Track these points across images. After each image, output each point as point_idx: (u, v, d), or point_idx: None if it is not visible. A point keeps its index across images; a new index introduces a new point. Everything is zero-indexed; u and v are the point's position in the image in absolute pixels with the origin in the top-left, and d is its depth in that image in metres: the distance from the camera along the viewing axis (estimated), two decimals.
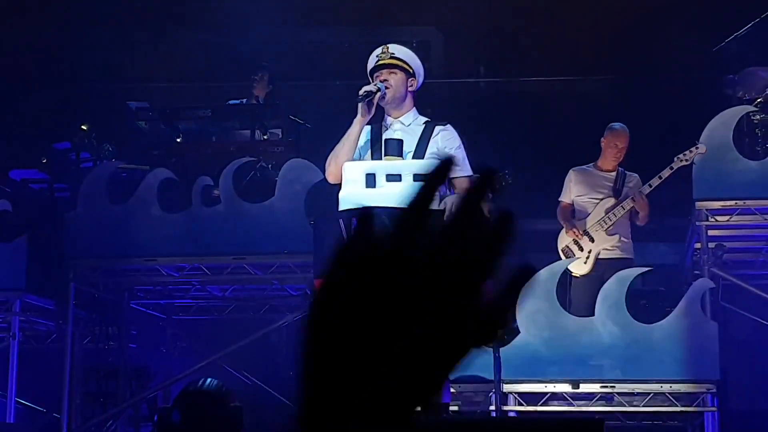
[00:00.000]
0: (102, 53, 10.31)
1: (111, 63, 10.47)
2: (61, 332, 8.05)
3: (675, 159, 7.36)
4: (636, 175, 7.83)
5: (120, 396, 8.34)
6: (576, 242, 7.80)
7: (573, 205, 7.94)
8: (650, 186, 7.55)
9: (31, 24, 10.26)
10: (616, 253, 7.72)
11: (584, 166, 7.98)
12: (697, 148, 7.28)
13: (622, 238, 7.75)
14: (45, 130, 9.21)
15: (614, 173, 7.88)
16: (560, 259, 7.75)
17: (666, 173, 7.44)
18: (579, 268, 7.72)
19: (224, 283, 8.34)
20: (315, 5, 10.18)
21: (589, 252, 7.74)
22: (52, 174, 8.61)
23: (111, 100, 9.60)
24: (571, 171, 7.98)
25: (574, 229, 7.76)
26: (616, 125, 7.87)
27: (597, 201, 7.82)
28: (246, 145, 8.19)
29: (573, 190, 7.92)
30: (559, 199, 7.98)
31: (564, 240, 7.87)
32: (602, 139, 7.90)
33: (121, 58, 10.47)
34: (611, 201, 7.76)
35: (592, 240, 7.74)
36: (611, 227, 7.70)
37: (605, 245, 7.73)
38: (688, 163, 7.29)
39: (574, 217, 7.90)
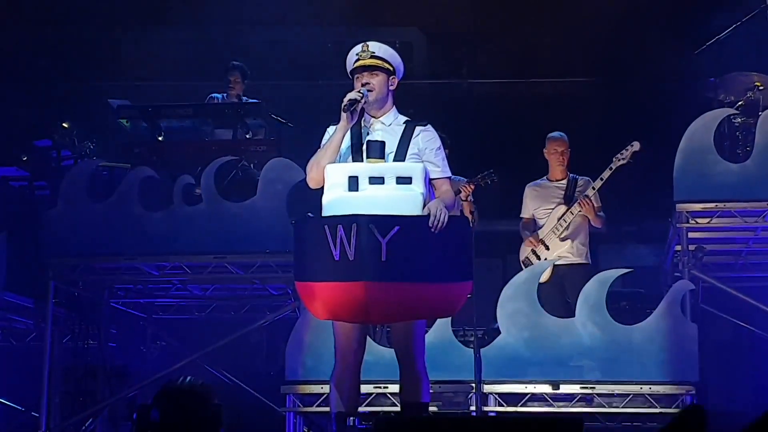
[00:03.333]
0: (84, 51, 10.27)
1: (92, 60, 10.44)
2: (41, 331, 8.01)
3: (613, 159, 7.61)
4: (586, 178, 7.98)
5: (99, 395, 8.31)
6: (534, 252, 7.93)
7: (533, 219, 8.06)
8: (594, 189, 7.70)
9: (12, 21, 10.21)
10: (570, 259, 7.83)
11: (538, 180, 8.16)
12: (632, 145, 7.55)
13: (576, 244, 7.84)
14: (25, 127, 9.16)
15: (564, 181, 8.00)
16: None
17: (606, 174, 7.66)
18: None
19: (205, 282, 8.32)
20: (297, 5, 10.17)
21: (545, 260, 7.82)
22: (33, 172, 8.56)
23: (92, 98, 9.57)
24: (526, 187, 8.17)
25: (531, 239, 7.87)
26: (553, 133, 8.07)
27: (551, 211, 7.93)
28: (228, 144, 8.16)
29: (530, 205, 8.08)
30: (520, 216, 8.11)
31: (524, 251, 8.02)
32: (544, 150, 8.03)
33: (103, 56, 10.44)
34: (563, 208, 7.90)
35: (547, 248, 7.86)
36: (564, 233, 7.82)
37: (559, 251, 7.84)
38: (626, 161, 7.52)
39: (535, 230, 8.01)
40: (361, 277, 4.73)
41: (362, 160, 5.14)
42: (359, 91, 5.16)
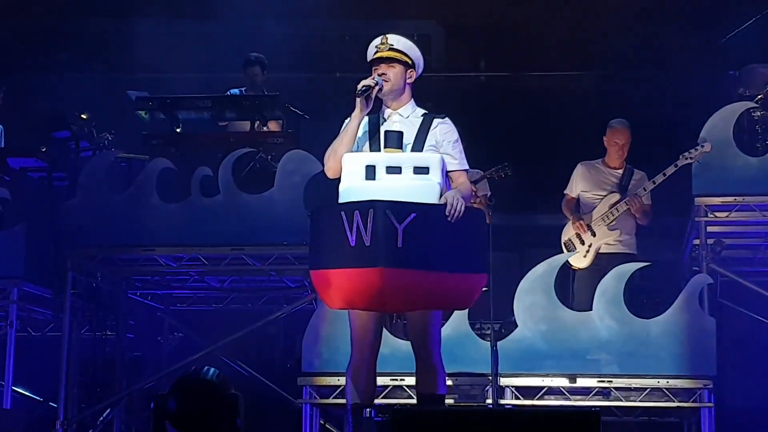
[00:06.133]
0: (103, 42, 10.30)
1: (111, 52, 10.46)
2: (59, 321, 8.04)
3: (680, 157, 7.39)
4: (642, 172, 7.89)
5: (116, 386, 8.35)
6: (578, 236, 7.85)
7: (578, 199, 7.99)
8: (654, 183, 7.62)
9: (32, 12, 10.24)
10: (618, 248, 7.77)
11: (593, 162, 8.05)
12: (702, 146, 7.29)
13: (624, 234, 7.79)
14: (44, 118, 9.19)
15: (621, 170, 7.93)
16: (559, 252, 7.77)
17: (670, 170, 7.48)
18: (578, 261, 7.76)
19: (222, 273, 8.33)
20: None
21: (590, 246, 7.78)
22: (51, 162, 8.58)
23: (111, 90, 9.59)
24: (579, 165, 8.05)
25: (580, 222, 7.80)
26: (615, 122, 7.93)
27: (601, 197, 7.87)
28: (245, 135, 8.18)
29: (579, 185, 7.98)
30: (565, 192, 8.04)
31: (567, 233, 7.93)
32: (604, 137, 7.95)
33: (122, 48, 10.45)
34: (616, 196, 7.82)
35: (593, 234, 7.79)
36: (613, 222, 7.76)
37: (606, 240, 7.78)
38: (694, 161, 7.31)
39: (579, 211, 7.95)
40: (377, 263, 4.72)
41: (379, 149, 5.14)
42: (373, 78, 5.17)
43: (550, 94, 10.58)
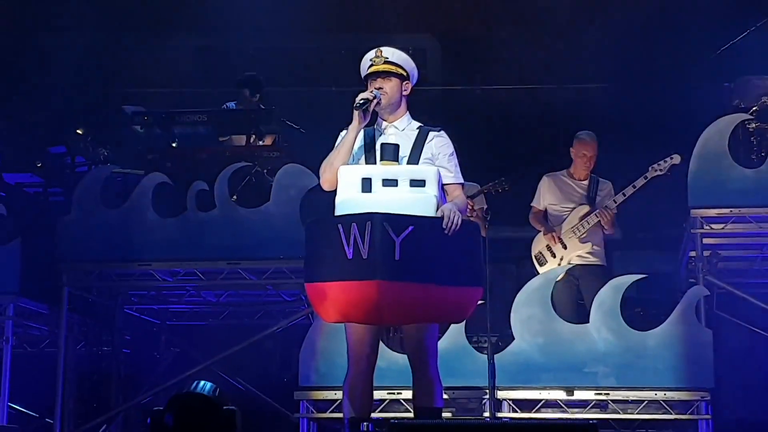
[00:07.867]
0: (98, 57, 10.30)
1: (107, 67, 10.47)
2: (55, 337, 8.02)
3: (649, 168, 7.54)
4: (609, 183, 7.93)
5: (113, 401, 8.33)
6: (549, 248, 7.87)
7: (545, 211, 8.01)
8: (624, 195, 7.68)
9: (27, 28, 10.25)
10: (590, 260, 7.81)
11: (557, 173, 8.07)
12: (671, 158, 7.44)
13: (594, 246, 7.81)
14: (40, 133, 9.20)
15: (586, 181, 7.95)
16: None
17: (640, 182, 7.59)
18: None
19: (218, 288, 8.32)
20: (311, 12, 10.19)
21: (561, 259, 7.79)
22: (47, 178, 8.59)
23: (107, 105, 9.60)
24: (544, 177, 8.08)
25: (552, 234, 7.82)
26: (582, 134, 7.97)
27: (570, 209, 7.89)
28: (241, 149, 8.18)
29: (546, 197, 8.01)
30: (531, 204, 8.06)
31: (537, 246, 7.94)
32: (571, 148, 7.98)
33: (117, 63, 10.47)
34: (585, 208, 7.84)
35: (564, 247, 7.81)
36: (584, 235, 7.77)
37: (578, 252, 7.80)
38: (663, 173, 7.38)
39: (547, 222, 7.97)
40: (374, 276, 4.72)
41: (375, 162, 5.15)
42: (371, 91, 5.17)
43: (545, 107, 10.59)
